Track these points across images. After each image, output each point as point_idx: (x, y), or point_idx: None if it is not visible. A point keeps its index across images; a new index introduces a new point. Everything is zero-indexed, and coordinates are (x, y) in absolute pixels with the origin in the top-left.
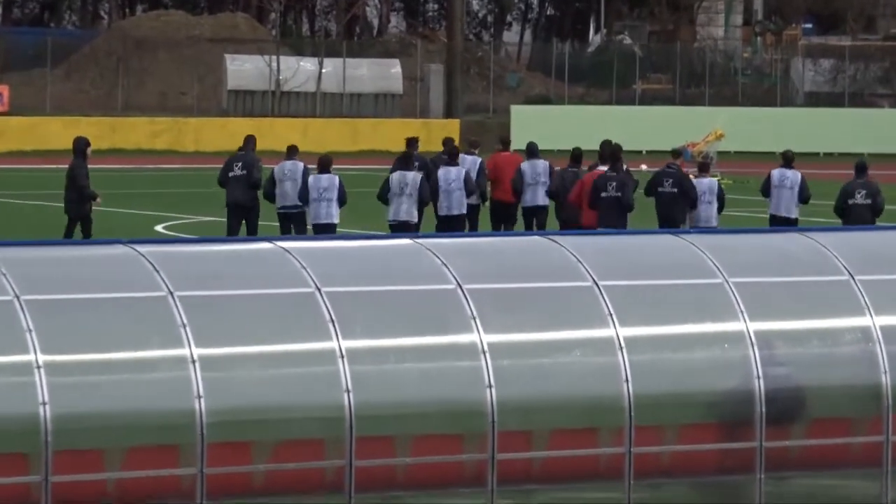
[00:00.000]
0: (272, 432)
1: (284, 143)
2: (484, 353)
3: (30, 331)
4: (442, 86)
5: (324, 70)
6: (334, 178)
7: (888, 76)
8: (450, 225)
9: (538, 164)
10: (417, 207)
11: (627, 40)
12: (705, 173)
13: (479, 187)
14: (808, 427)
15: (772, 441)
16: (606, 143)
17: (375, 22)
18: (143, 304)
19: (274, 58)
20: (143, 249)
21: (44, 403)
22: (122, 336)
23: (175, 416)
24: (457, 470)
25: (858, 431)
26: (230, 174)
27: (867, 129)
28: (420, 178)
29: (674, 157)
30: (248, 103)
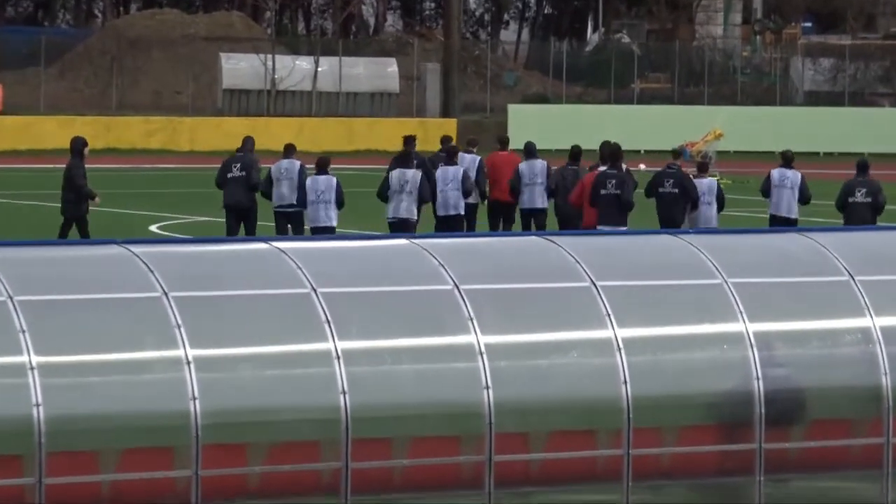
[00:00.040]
0: (267, 434)
1: (280, 143)
2: (481, 354)
3: (23, 332)
4: (439, 85)
5: (319, 69)
6: (332, 180)
7: (888, 75)
8: (448, 225)
9: (536, 165)
10: (417, 206)
11: (626, 39)
12: (704, 173)
13: (479, 186)
14: (807, 428)
15: (771, 443)
16: (606, 144)
17: (372, 20)
18: (138, 304)
19: (269, 56)
20: (138, 250)
21: (37, 405)
22: (116, 337)
23: (170, 417)
24: (454, 472)
25: (858, 433)
26: (228, 175)
27: (867, 129)
28: (420, 176)
29: (674, 158)
30: (243, 102)
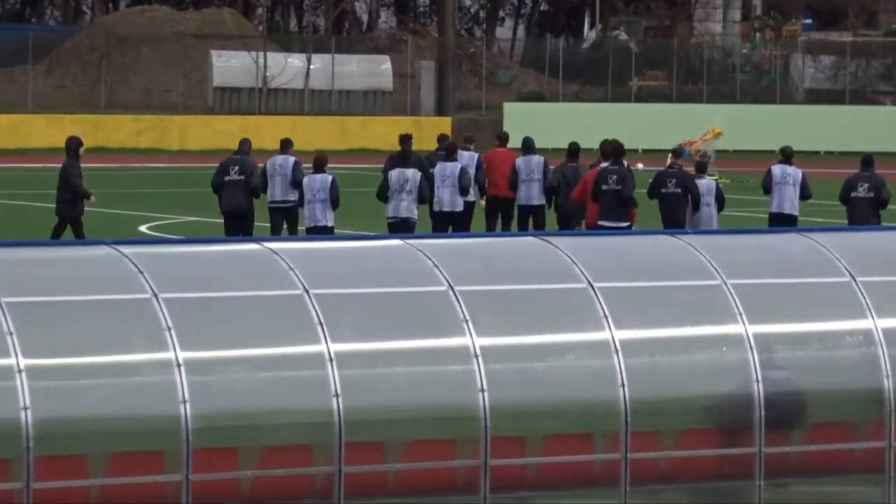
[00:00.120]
0: (259, 438)
1: (271, 142)
2: (476, 356)
3: (10, 333)
4: (433, 83)
5: (312, 66)
6: (327, 179)
7: (890, 73)
8: (446, 221)
9: (532, 160)
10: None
11: (623, 36)
12: (703, 174)
13: (479, 182)
14: (808, 432)
15: (771, 446)
16: (607, 141)
17: (365, 17)
18: (127, 306)
19: (261, 54)
20: (127, 250)
21: (25, 408)
22: (105, 339)
23: (160, 421)
24: (449, 476)
25: (860, 436)
26: (226, 178)
27: (868, 127)
28: (420, 176)
29: (675, 157)
30: (234, 101)
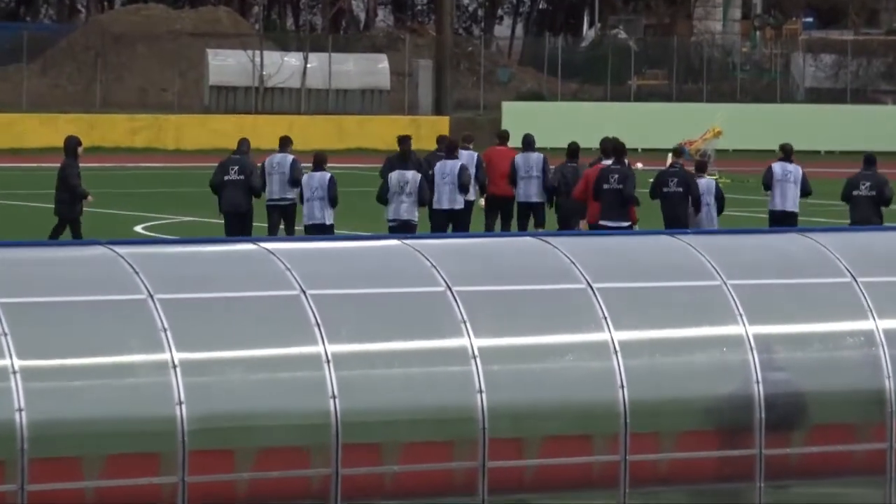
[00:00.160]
0: (255, 439)
1: (268, 141)
2: (474, 357)
3: (5, 334)
4: (431, 81)
5: (309, 65)
6: (325, 177)
7: (891, 72)
8: (445, 219)
9: (531, 157)
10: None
11: (622, 35)
12: (703, 173)
13: (479, 181)
14: (808, 433)
15: (772, 448)
16: (607, 139)
17: (362, 15)
18: (123, 306)
19: (257, 53)
20: (123, 251)
21: (20, 409)
22: (100, 340)
23: (155, 422)
24: (447, 478)
25: (861, 438)
26: (226, 178)
27: (870, 127)
28: (420, 177)
29: (676, 156)
30: (230, 100)
